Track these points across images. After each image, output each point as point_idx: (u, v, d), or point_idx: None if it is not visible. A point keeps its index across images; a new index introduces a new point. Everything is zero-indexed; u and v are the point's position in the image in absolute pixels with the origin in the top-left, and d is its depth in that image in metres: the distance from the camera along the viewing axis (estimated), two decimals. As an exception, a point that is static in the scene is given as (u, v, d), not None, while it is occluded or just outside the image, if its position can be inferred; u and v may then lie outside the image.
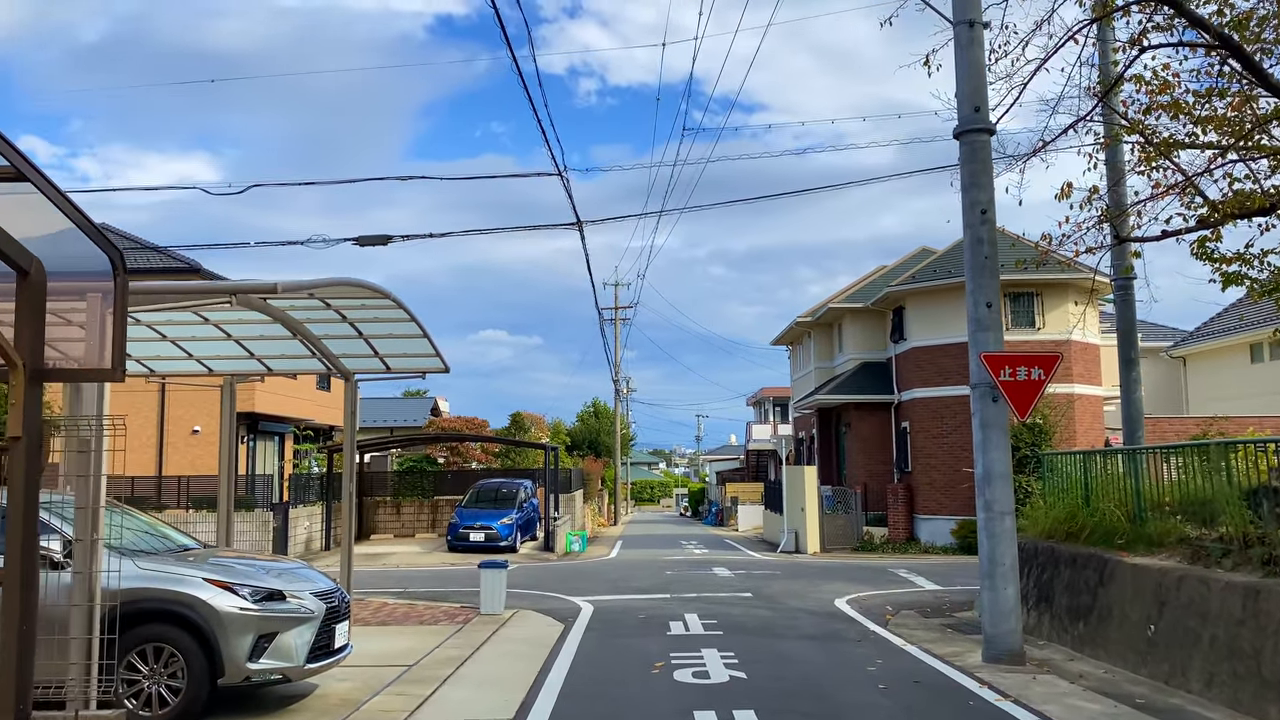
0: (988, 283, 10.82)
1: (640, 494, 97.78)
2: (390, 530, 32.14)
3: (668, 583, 18.69)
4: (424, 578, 20.40)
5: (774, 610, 14.77)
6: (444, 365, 13.72)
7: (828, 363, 33.07)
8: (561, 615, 14.25)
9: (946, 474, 26.06)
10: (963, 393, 25.97)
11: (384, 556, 25.38)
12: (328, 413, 33.70)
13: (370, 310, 11.48)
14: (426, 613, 14.59)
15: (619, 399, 57.79)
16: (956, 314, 25.65)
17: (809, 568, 22.12)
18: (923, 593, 17.37)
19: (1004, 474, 10.68)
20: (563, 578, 20.17)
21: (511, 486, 28.65)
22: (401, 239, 18.29)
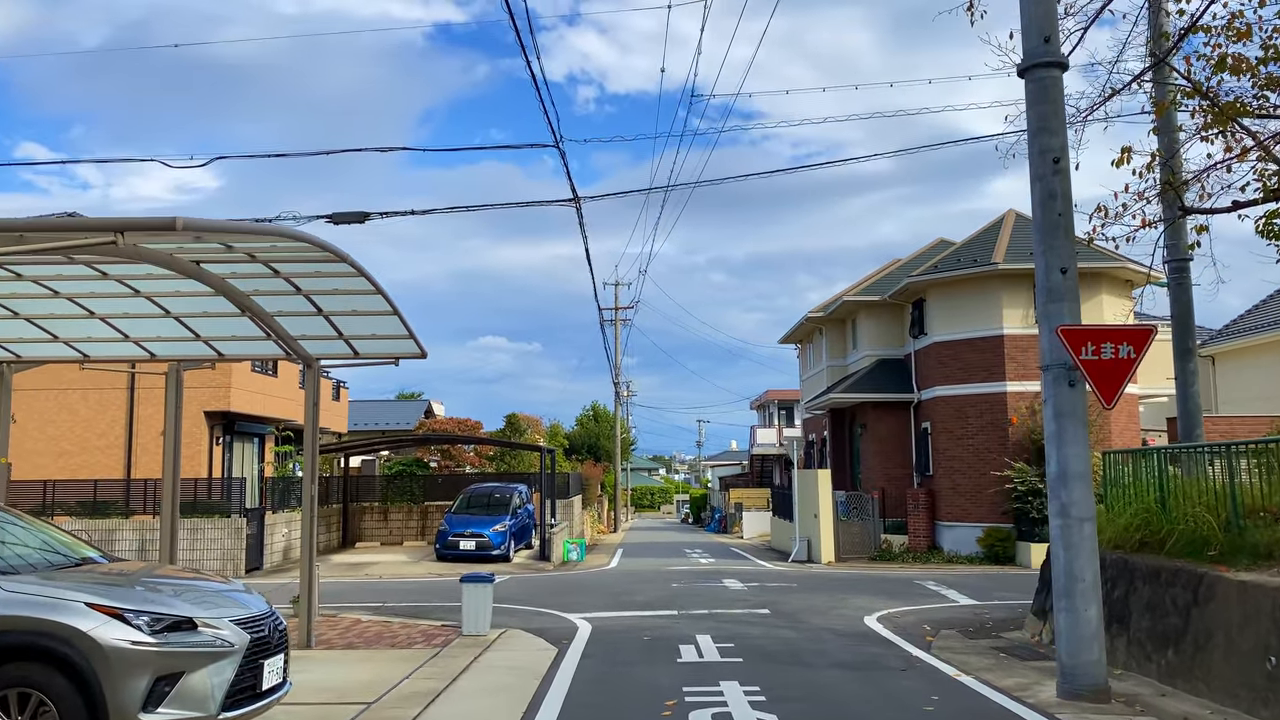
0: (1062, 244, 9.06)
1: (640, 500, 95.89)
2: (377, 537, 30.34)
3: (674, 597, 16.90)
4: (406, 590, 18.61)
5: (797, 630, 12.97)
6: (420, 349, 11.95)
7: (840, 360, 31.28)
8: (555, 636, 12.47)
9: (971, 478, 24.29)
10: (989, 390, 24.27)
11: (367, 566, 23.59)
12: (312, 414, 31.90)
13: (326, 278, 9.73)
14: (401, 633, 12.80)
15: (619, 402, 56.05)
16: (982, 306, 23.93)
17: (827, 579, 20.33)
18: (959, 609, 15.58)
19: (1083, 473, 8.91)
20: (559, 590, 18.39)
21: (505, 491, 26.87)
22: (380, 215, 16.57)
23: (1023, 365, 23.85)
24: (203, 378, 25.88)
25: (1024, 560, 22.74)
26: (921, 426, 26.37)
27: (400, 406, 51.77)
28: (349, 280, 9.79)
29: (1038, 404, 23.32)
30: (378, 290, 10.05)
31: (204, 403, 25.77)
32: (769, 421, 59.37)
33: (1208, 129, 12.59)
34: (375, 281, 9.87)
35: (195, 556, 22.12)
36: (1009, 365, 23.85)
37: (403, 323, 11.04)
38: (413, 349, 11.91)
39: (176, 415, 12.12)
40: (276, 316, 10.78)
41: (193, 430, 25.88)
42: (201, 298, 10.17)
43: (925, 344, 26.01)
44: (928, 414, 25.92)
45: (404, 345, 11.83)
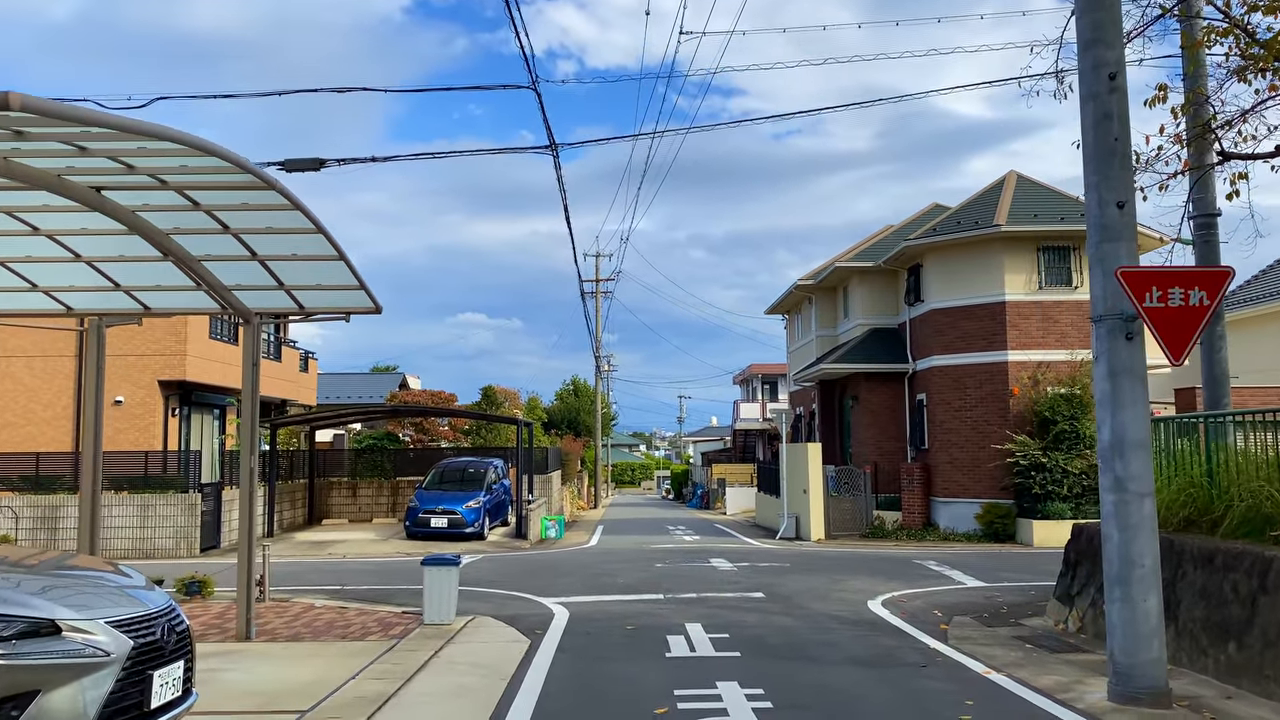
0: (1118, 174, 7.73)
1: (621, 476, 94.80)
2: (345, 514, 28.92)
3: (659, 578, 15.63)
4: (369, 572, 17.26)
5: (796, 617, 11.71)
6: (373, 302, 10.54)
7: (831, 330, 29.99)
8: (528, 625, 11.16)
9: (969, 451, 23.11)
10: (989, 360, 23.04)
11: (331, 545, 22.21)
12: (277, 385, 30.41)
13: (256, 212, 8.29)
14: (356, 621, 11.45)
15: (600, 376, 54.68)
16: (982, 270, 22.69)
17: (820, 559, 19.12)
18: (967, 591, 14.38)
19: (1143, 441, 7.64)
20: (534, 571, 17.08)
21: (480, 466, 25.50)
22: (337, 163, 15.06)
23: (1025, 333, 22.65)
24: (156, 345, 24.38)
25: (1025, 538, 21.62)
26: (917, 398, 25.16)
27: (373, 380, 50.25)
28: (283, 216, 8.36)
29: (1041, 374, 22.14)
30: (318, 228, 8.62)
31: (158, 372, 24.25)
32: (752, 396, 58.24)
33: (1245, 70, 11.36)
34: (314, 217, 8.44)
35: (146, 535, 20.70)
36: (1011, 333, 22.63)
37: (351, 270, 9.62)
38: (365, 302, 10.50)
39: (98, 379, 10.65)
40: (204, 261, 9.34)
41: (146, 401, 24.38)
42: (114, 237, 8.73)
43: (922, 311, 24.76)
44: (923, 385, 24.70)
45: (354, 298, 10.42)
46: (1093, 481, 21.46)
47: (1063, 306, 22.77)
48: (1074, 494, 21.43)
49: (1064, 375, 22.30)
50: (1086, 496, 21.52)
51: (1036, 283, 22.79)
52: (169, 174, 7.22)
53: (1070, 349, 22.49)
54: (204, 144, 6.47)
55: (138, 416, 24.21)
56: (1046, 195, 24.14)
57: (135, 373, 24.18)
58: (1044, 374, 22.33)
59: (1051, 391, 22.01)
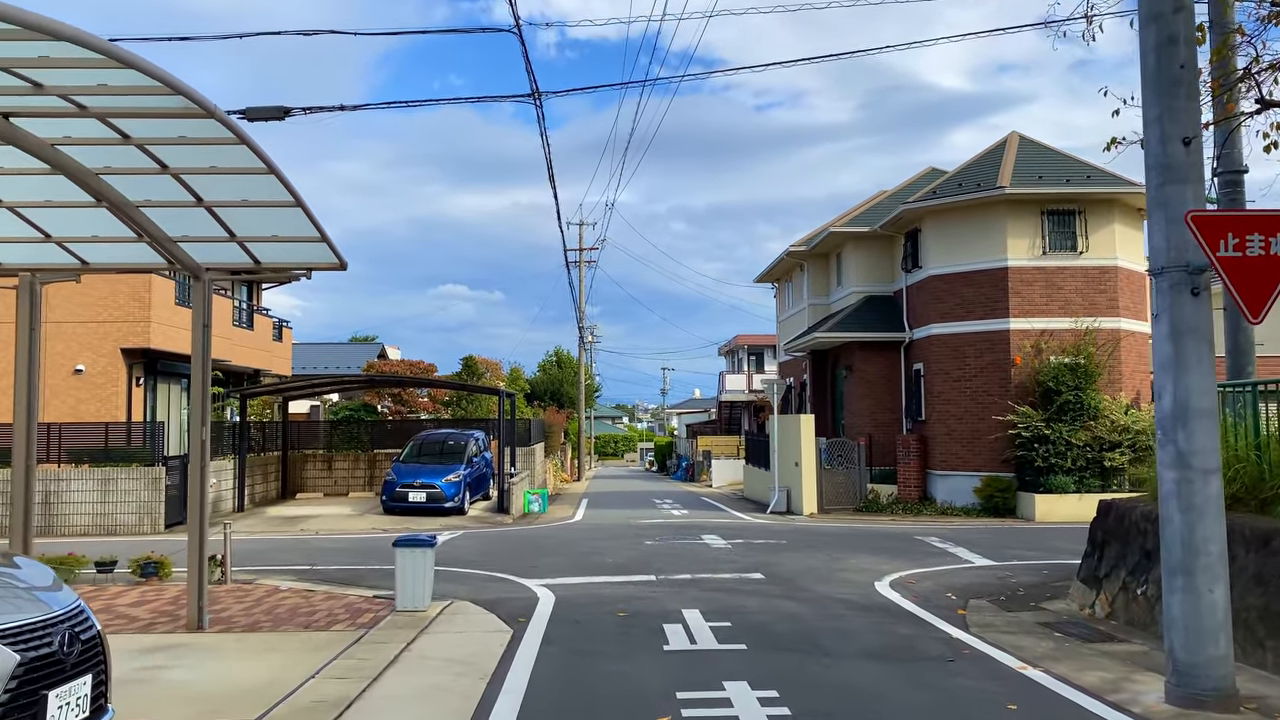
0: (1184, 106, 6.77)
1: (604, 448, 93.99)
2: (320, 488, 27.90)
3: (650, 557, 14.72)
4: (342, 550, 16.29)
5: (801, 601, 10.83)
6: (337, 258, 9.50)
7: (823, 299, 29.04)
8: (511, 610, 10.23)
9: (968, 423, 22.28)
10: (990, 328, 22.17)
11: (304, 520, 21.21)
12: (249, 354, 29.25)
13: (196, 147, 7.23)
14: (323, 607, 10.50)
15: (584, 346, 53.64)
16: (984, 235, 21.77)
17: (817, 534, 18.27)
18: (977, 571, 13.54)
19: (1208, 410, 6.73)
20: (517, 549, 16.15)
21: (460, 438, 24.51)
22: (303, 111, 13.92)
23: (1028, 300, 21.76)
24: (118, 310, 23.20)
25: (1026, 512, 20.85)
26: (913, 368, 24.28)
27: (351, 350, 49.06)
28: (229, 153, 7.29)
29: (1044, 342, 21.31)
30: (269, 168, 7.57)
31: (120, 339, 23.07)
32: (738, 368, 57.39)
33: (1278, 17, 10.41)
34: (264, 155, 7.38)
35: (107, 511, 19.64)
36: (1013, 300, 21.75)
37: (309, 218, 8.57)
38: (327, 257, 9.46)
39: (32, 342, 9.57)
40: (143, 208, 8.27)
41: (108, 370, 23.22)
42: (37, 178, 7.65)
43: (920, 278, 23.83)
44: (921, 354, 23.83)
45: (316, 252, 9.37)
46: (1096, 454, 20.71)
47: (1067, 273, 21.89)
48: (1077, 467, 20.65)
49: (1068, 344, 21.46)
50: (1090, 469, 20.74)
51: (1040, 248, 21.88)
52: (86, 95, 6.15)
53: (1074, 316, 21.64)
54: (119, 52, 5.40)
55: (99, 386, 23.05)
56: (1050, 157, 23.19)
57: (96, 340, 23.00)
58: (1047, 343, 21.48)
59: (1055, 361, 21.17)
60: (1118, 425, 20.75)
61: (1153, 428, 20.75)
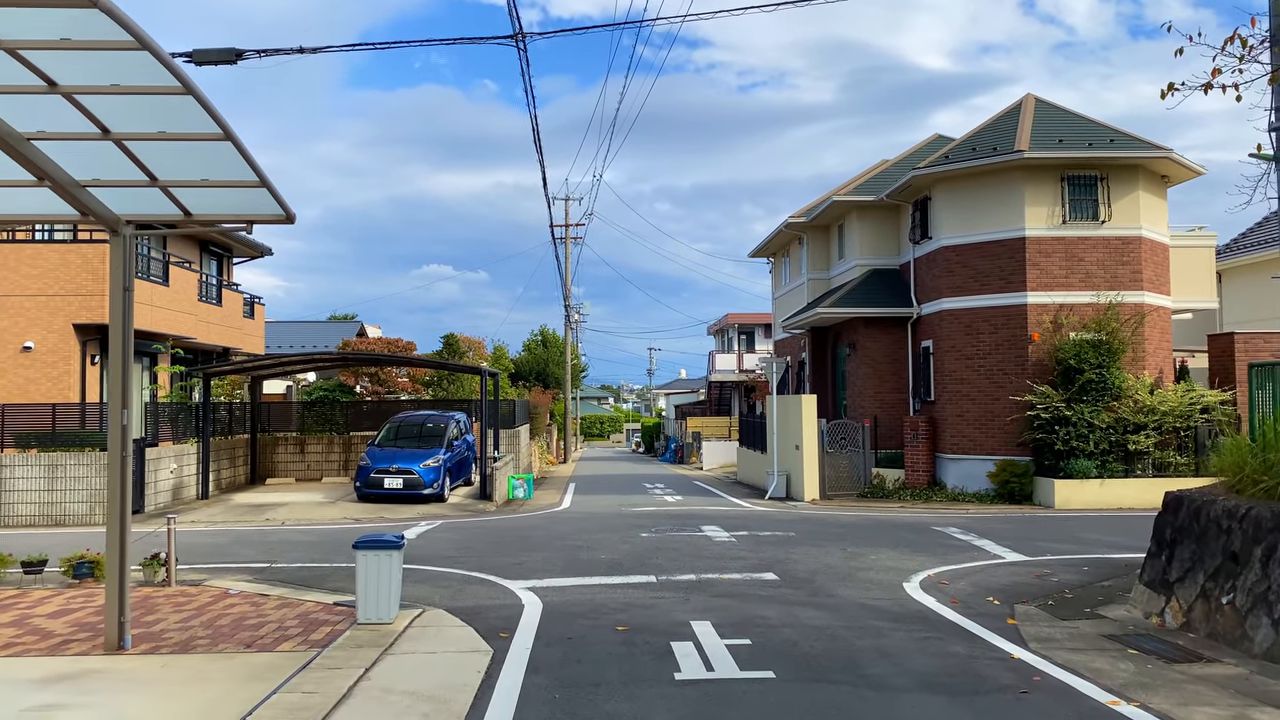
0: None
1: (589, 429, 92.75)
2: (292, 473, 26.39)
3: (648, 553, 13.31)
4: (308, 543, 14.81)
5: (827, 610, 9.43)
6: (283, 209, 7.99)
7: (823, 273, 27.60)
8: (491, 623, 8.80)
9: (982, 404, 20.93)
10: (1006, 302, 20.78)
11: (271, 508, 19.72)
12: (217, 331, 27.63)
13: (97, 53, 5.69)
14: (273, 616, 9.05)
15: (570, 325, 52.10)
16: (1000, 202, 20.37)
17: (825, 525, 16.91)
18: (1011, 569, 12.19)
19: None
20: (501, 543, 14.71)
21: (440, 420, 23.01)
22: (256, 54, 12.35)
23: (1046, 273, 20.38)
24: (70, 284, 21.58)
25: (1044, 498, 19.54)
26: (922, 345, 22.90)
27: (330, 329, 47.36)
28: (131, 63, 5.76)
29: (1064, 317, 19.95)
30: (186, 88, 6.03)
31: (72, 314, 21.45)
32: (728, 347, 56.01)
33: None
34: (177, 69, 5.85)
35: (55, 500, 18.10)
36: (1031, 272, 20.36)
37: (244, 157, 7.04)
38: (270, 207, 7.93)
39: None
40: (36, 140, 6.73)
41: (60, 347, 21.61)
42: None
43: (929, 249, 22.41)
44: (930, 331, 22.44)
45: (256, 200, 7.84)
46: (1120, 437, 19.41)
47: (1088, 243, 20.50)
48: (1100, 450, 19.34)
49: (1088, 319, 20.12)
50: (1113, 453, 19.44)
51: (1060, 216, 20.47)
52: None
53: (1096, 290, 20.28)
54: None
55: (50, 365, 21.44)
56: (1069, 119, 21.77)
57: (46, 315, 21.37)
58: (1067, 317, 20.13)
59: (1076, 337, 19.82)
60: (1143, 406, 19.44)
61: (1183, 408, 19.51)
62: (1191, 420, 19.40)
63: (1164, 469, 19.53)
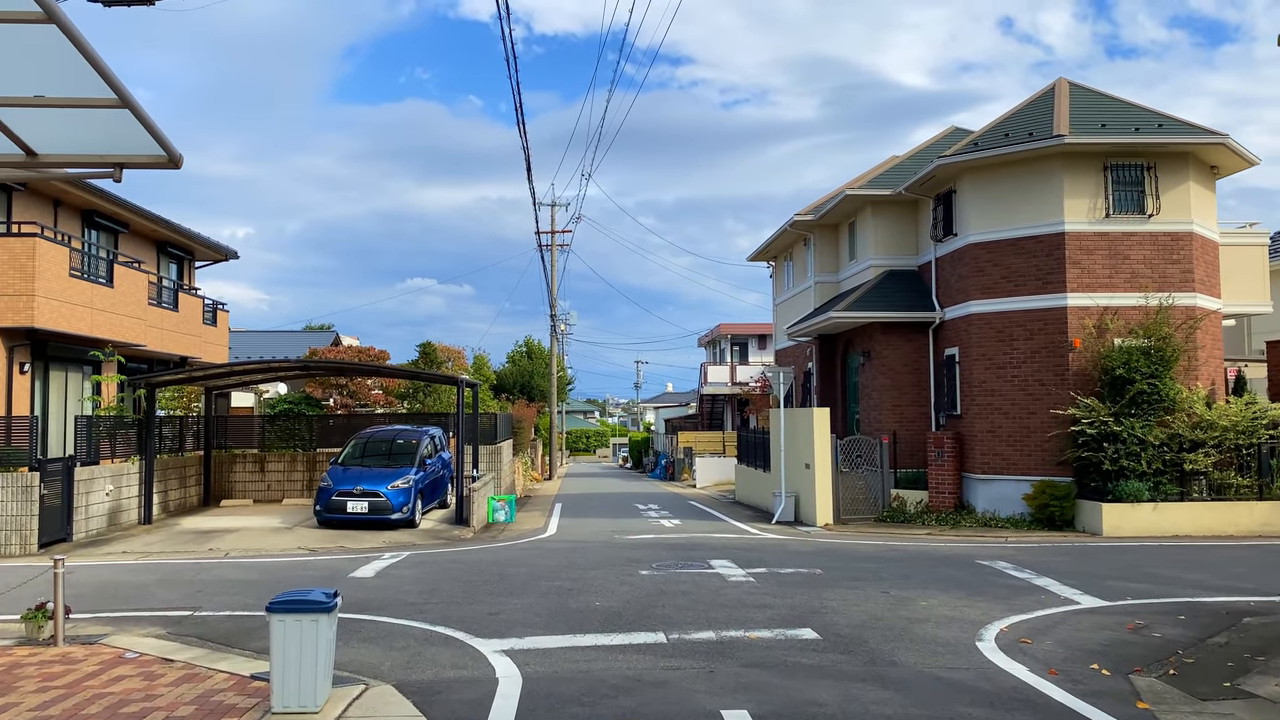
0: None
1: (575, 443, 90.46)
2: (251, 493, 24.03)
3: (651, 598, 11.05)
4: (248, 582, 12.48)
5: (891, 685, 7.22)
6: (164, 150, 5.77)
7: (832, 275, 25.45)
8: (452, 712, 6.56)
9: (1016, 418, 18.80)
10: (1043, 304, 18.58)
11: (218, 536, 17.39)
12: (172, 338, 25.29)
13: None
14: (166, 698, 6.80)
15: (556, 335, 49.82)
16: (1036, 194, 18.33)
17: (852, 558, 14.70)
18: (1095, 617, 10.00)
19: None
20: (475, 582, 12.43)
21: (412, 436, 20.73)
22: (176, -10, 10.10)
23: (1088, 272, 18.30)
24: (-7, 282, 19.18)
25: (1090, 524, 17.40)
26: (945, 353, 20.77)
27: (302, 339, 44.94)
28: None
29: (1108, 320, 17.85)
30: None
31: (-3, 316, 19.07)
32: (720, 359, 53.86)
33: None
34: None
35: (-38, 527, 15.71)
36: (1071, 272, 18.27)
37: (107, 81, 4.79)
38: (146, 146, 5.72)
39: None
40: None
41: (-17, 354, 19.19)
42: None
43: (955, 247, 20.29)
44: (955, 337, 20.31)
45: (124, 134, 5.60)
46: (1175, 455, 17.31)
47: (1134, 239, 18.44)
48: (1152, 470, 17.23)
49: (1134, 323, 18.05)
50: (1168, 473, 17.34)
51: (1103, 209, 18.41)
52: None
53: (1143, 291, 18.21)
54: None
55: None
56: (1109, 103, 19.73)
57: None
58: (1111, 321, 18.04)
59: (1124, 343, 17.73)
60: (1200, 421, 17.35)
61: (1245, 423, 17.43)
62: (1255, 437, 17.31)
63: (1222, 491, 17.44)
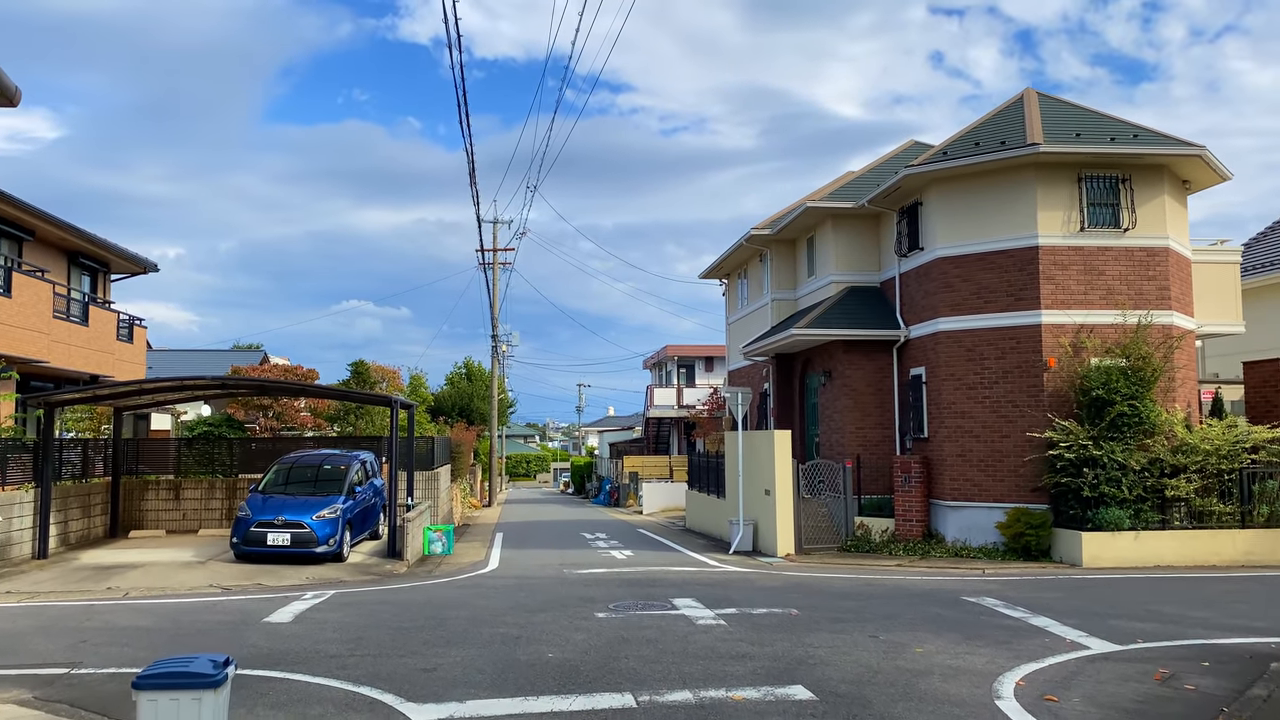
0: None
1: (515, 469, 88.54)
2: (164, 523, 22.11)
3: (612, 649, 9.64)
4: (142, 630, 10.81)
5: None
6: None
7: (789, 292, 24.38)
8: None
9: (988, 441, 17.80)
10: (1016, 322, 17.62)
11: (121, 572, 15.60)
12: (81, 355, 23.33)
13: None
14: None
15: (497, 357, 48.14)
16: (1008, 206, 17.47)
17: (825, 594, 13.45)
18: (1117, 666, 8.84)
19: None
20: (405, 629, 10.90)
21: (340, 461, 19.08)
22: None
23: (1063, 288, 17.42)
24: None
25: (1068, 554, 16.40)
26: (911, 373, 19.74)
27: (229, 358, 42.76)
28: None
29: (1085, 338, 16.98)
30: None
31: None
32: (666, 381, 52.67)
33: None
34: None
35: None
36: (1045, 287, 17.38)
37: None
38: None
39: None
40: None
41: None
42: None
43: (921, 262, 19.32)
44: (922, 356, 19.30)
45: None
46: (1156, 481, 16.43)
47: (1110, 254, 17.63)
48: (1134, 497, 16.31)
49: (1112, 342, 17.20)
50: (1150, 500, 16.43)
51: (1078, 222, 17.57)
52: None
53: (1119, 308, 17.39)
54: None
55: None
56: (1080, 113, 18.98)
57: None
58: (1087, 339, 17.17)
59: (1101, 362, 16.85)
60: (1182, 444, 16.49)
61: (1228, 447, 16.60)
62: (1237, 461, 16.50)
63: (1203, 519, 16.59)
